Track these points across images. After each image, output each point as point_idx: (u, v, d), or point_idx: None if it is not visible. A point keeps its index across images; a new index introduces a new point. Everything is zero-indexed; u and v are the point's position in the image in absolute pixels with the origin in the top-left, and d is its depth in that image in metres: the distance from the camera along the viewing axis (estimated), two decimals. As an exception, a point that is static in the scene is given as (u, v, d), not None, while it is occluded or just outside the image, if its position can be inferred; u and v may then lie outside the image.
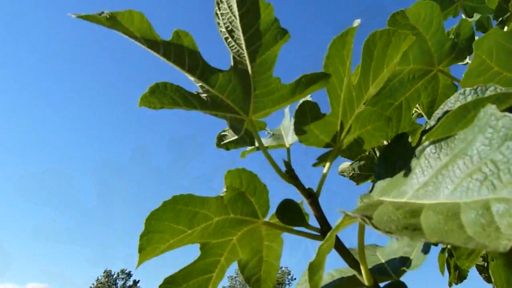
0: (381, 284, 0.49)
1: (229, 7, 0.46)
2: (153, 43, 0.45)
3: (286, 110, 0.69)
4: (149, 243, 0.50)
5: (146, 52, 0.48)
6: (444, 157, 0.33)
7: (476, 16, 1.01)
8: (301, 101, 0.55)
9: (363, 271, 0.48)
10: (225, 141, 0.62)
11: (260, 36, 0.48)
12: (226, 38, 0.48)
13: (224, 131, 0.62)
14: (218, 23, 0.47)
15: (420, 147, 0.38)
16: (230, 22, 0.47)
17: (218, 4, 0.46)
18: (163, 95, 0.51)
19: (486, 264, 0.96)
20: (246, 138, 0.59)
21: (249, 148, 0.63)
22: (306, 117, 0.55)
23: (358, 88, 0.55)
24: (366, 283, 0.48)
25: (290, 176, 0.54)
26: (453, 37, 0.76)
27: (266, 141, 0.67)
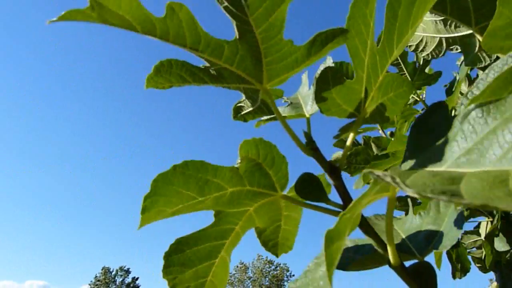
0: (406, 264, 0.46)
1: (224, -28, 0.40)
2: (147, 26, 0.42)
3: (304, 76, 0.64)
4: (154, 205, 0.48)
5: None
6: (492, 121, 0.28)
7: None
8: (322, 68, 0.50)
9: (389, 251, 0.45)
10: (242, 113, 0.59)
11: (263, -1, 0.42)
12: (226, 7, 0.43)
13: (239, 102, 0.59)
14: (215, -9, 0.42)
15: (463, 112, 0.33)
16: (228, -12, 0.42)
17: (211, -31, 0.41)
18: (169, 74, 0.48)
19: (483, 255, 0.91)
20: (264, 107, 0.56)
21: (264, 117, 0.60)
22: (328, 84, 0.50)
23: (382, 51, 0.49)
24: (392, 262, 0.46)
25: (311, 148, 0.51)
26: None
27: (283, 110, 0.63)
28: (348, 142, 0.52)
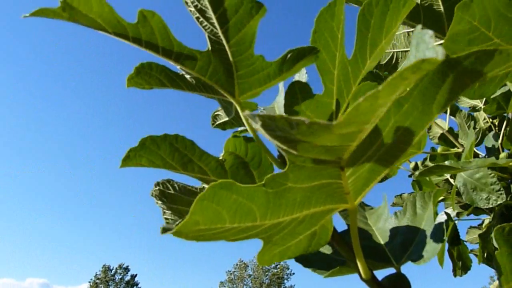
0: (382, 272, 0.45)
1: (195, -16, 0.42)
2: (118, 29, 0.43)
3: (280, 85, 0.65)
4: (136, 159, 0.49)
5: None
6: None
7: None
8: (290, 82, 0.52)
9: (359, 265, 0.44)
10: (220, 121, 0.60)
11: (233, 12, 0.44)
12: (198, 18, 0.45)
13: (217, 110, 0.60)
14: (186, 2, 0.44)
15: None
16: (198, 1, 0.43)
17: (182, -19, 0.42)
18: (149, 76, 0.49)
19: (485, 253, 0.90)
20: (239, 118, 0.57)
21: (241, 128, 0.61)
22: (296, 98, 0.51)
23: (354, 62, 0.50)
24: (364, 277, 0.45)
25: (283, 161, 0.51)
26: None
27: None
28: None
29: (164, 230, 0.36)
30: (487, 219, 1.00)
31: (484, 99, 0.96)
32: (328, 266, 0.54)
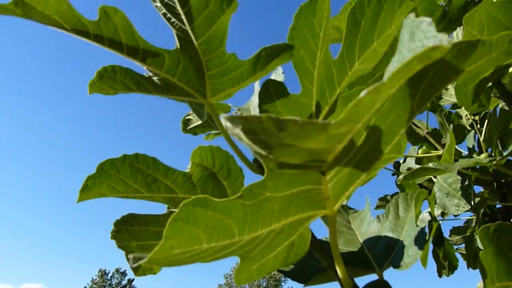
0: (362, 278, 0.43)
1: (159, -23, 0.39)
2: (78, 26, 0.40)
3: (256, 84, 0.63)
4: (95, 187, 0.46)
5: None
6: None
7: None
8: (264, 81, 0.49)
9: (340, 274, 0.42)
10: (191, 126, 0.57)
11: (203, 7, 0.41)
12: (164, 14, 0.42)
13: (188, 115, 0.57)
14: (151, -4, 0.41)
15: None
16: (164, -6, 0.40)
17: (146, -26, 0.40)
18: (113, 80, 0.46)
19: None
20: (211, 122, 0.54)
21: (213, 132, 0.58)
22: (271, 98, 0.49)
23: (341, 63, 0.48)
24: (344, 285, 0.43)
25: (259, 165, 0.49)
26: (444, 4, 0.67)
27: (234, 124, 0.61)
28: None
29: (135, 260, 0.32)
30: (471, 218, 0.99)
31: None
32: (309, 274, 0.52)
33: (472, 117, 0.97)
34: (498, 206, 0.86)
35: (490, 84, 0.76)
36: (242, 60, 0.46)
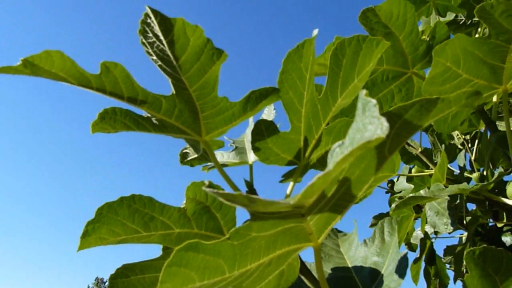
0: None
1: (155, 35, 0.43)
2: (82, 81, 0.44)
3: (251, 119, 0.67)
4: (95, 232, 0.48)
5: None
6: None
7: (450, 15, 0.93)
8: (256, 121, 0.53)
9: None
10: (188, 158, 0.61)
11: (194, 60, 0.45)
12: (160, 66, 0.46)
13: (185, 148, 0.61)
14: (148, 52, 0.45)
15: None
16: (160, 50, 0.45)
17: (142, 33, 0.44)
18: (113, 121, 0.50)
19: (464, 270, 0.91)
20: (206, 156, 0.58)
21: (209, 164, 0.62)
22: (263, 136, 0.53)
23: (325, 100, 0.51)
24: None
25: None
26: (428, 39, 0.70)
27: (228, 156, 0.65)
28: (288, 191, 0.54)
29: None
30: (464, 236, 1.02)
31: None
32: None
33: (463, 136, 1.00)
34: (490, 224, 0.89)
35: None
36: (233, 102, 0.50)
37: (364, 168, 0.37)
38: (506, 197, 0.68)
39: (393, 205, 0.58)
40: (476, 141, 0.94)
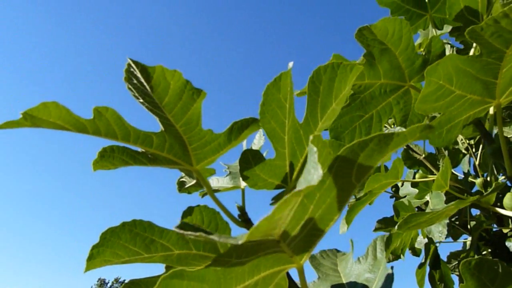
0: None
1: (138, 82, 0.48)
2: (78, 127, 0.49)
3: (244, 143, 0.70)
4: (100, 255, 0.53)
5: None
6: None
7: (447, 28, 0.93)
8: (242, 151, 0.56)
9: None
10: (185, 186, 0.65)
11: (177, 100, 0.49)
12: (147, 107, 0.50)
13: (182, 177, 0.65)
14: (135, 96, 0.49)
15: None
16: (145, 94, 0.49)
17: (128, 80, 0.48)
18: (112, 158, 0.55)
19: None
20: (201, 182, 0.62)
21: (205, 190, 0.66)
22: (250, 164, 0.56)
23: (306, 125, 0.54)
24: None
25: (243, 220, 0.56)
26: (424, 53, 0.72)
27: (222, 181, 0.69)
28: (277, 214, 0.57)
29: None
30: (468, 240, 1.01)
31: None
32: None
33: (467, 141, 0.99)
34: (494, 229, 0.88)
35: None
36: (218, 133, 0.54)
37: (326, 208, 0.39)
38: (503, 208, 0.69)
39: (396, 227, 0.60)
40: (480, 146, 0.94)
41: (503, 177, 0.90)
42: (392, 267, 0.56)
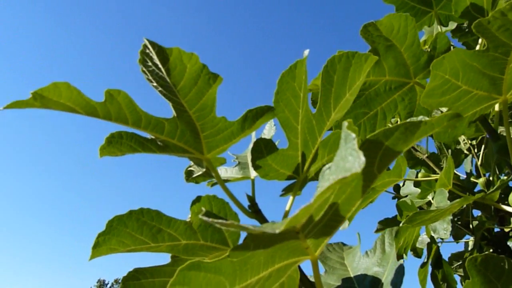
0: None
1: (154, 64, 0.46)
2: (89, 109, 0.47)
3: (253, 134, 0.69)
4: (106, 243, 0.51)
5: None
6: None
7: (452, 25, 0.93)
8: (255, 140, 0.55)
9: None
10: (193, 176, 0.63)
11: (192, 84, 0.48)
12: (161, 91, 0.49)
13: (190, 166, 0.63)
14: (148, 79, 0.48)
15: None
16: (159, 77, 0.47)
17: (142, 62, 0.46)
18: (120, 144, 0.53)
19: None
20: (210, 172, 0.60)
21: (214, 180, 0.64)
22: (262, 153, 0.55)
23: (319, 115, 0.53)
24: None
25: (253, 211, 0.55)
26: (429, 50, 0.71)
27: (231, 171, 0.67)
28: (287, 207, 0.56)
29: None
30: (470, 240, 1.01)
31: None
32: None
33: (470, 142, 1.00)
34: (496, 229, 0.89)
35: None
36: (232, 121, 0.53)
37: (350, 193, 0.38)
38: (509, 205, 0.69)
39: (401, 224, 0.59)
40: (483, 146, 0.94)
41: (505, 176, 0.91)
42: (402, 260, 0.55)
